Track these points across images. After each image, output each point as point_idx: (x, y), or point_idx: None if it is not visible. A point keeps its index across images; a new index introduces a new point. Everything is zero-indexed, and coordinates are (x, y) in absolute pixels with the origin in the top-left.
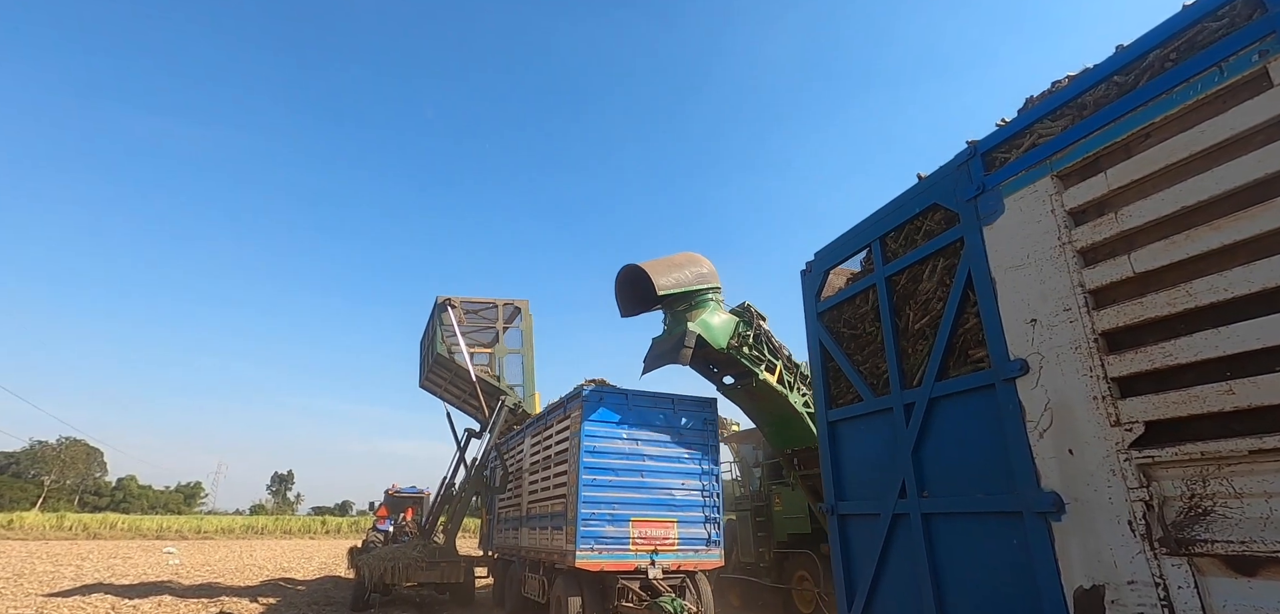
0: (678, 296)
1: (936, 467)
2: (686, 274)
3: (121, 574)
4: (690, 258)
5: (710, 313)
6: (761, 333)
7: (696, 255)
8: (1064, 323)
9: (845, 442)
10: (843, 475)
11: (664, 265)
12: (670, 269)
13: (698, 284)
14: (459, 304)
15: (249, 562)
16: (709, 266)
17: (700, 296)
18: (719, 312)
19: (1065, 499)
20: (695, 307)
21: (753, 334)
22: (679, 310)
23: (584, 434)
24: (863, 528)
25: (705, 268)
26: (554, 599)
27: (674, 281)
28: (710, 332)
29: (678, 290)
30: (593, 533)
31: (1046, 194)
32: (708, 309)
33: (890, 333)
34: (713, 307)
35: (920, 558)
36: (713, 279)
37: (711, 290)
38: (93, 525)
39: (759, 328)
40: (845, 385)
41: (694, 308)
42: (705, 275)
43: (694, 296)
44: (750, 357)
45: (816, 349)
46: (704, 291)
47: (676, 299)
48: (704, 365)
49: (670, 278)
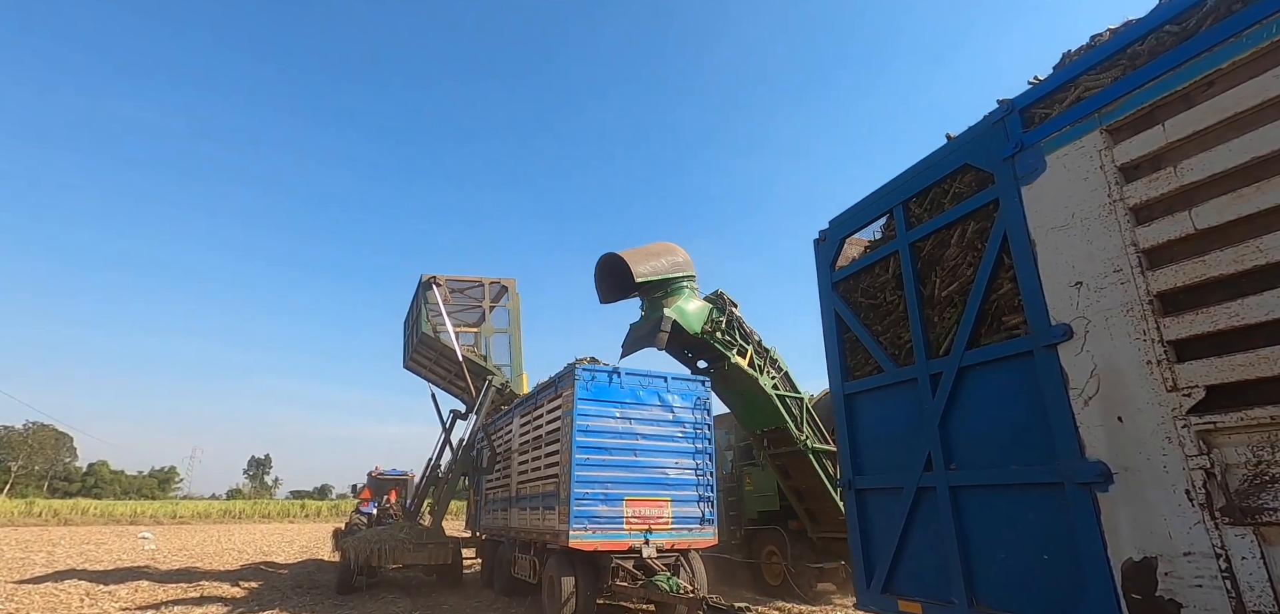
0: (654, 284)
1: (966, 438)
2: (662, 263)
3: (95, 560)
4: (666, 247)
5: (685, 300)
6: (733, 319)
7: (672, 245)
8: (1114, 284)
9: (863, 415)
10: (860, 449)
11: (641, 254)
12: (647, 258)
13: (673, 272)
14: (444, 282)
15: (228, 546)
16: (684, 256)
17: (675, 284)
18: (693, 299)
19: (1114, 469)
20: (671, 294)
21: (725, 320)
22: (655, 297)
23: (577, 412)
24: (883, 502)
25: (680, 257)
26: (546, 579)
27: (650, 269)
28: (685, 317)
29: (654, 278)
30: (586, 512)
31: (1094, 150)
32: (683, 296)
33: (914, 301)
34: (687, 294)
35: (948, 532)
36: (688, 268)
37: (686, 278)
38: (63, 511)
39: (731, 314)
40: (863, 357)
41: (670, 295)
42: (680, 264)
43: (670, 284)
44: (722, 341)
45: (832, 320)
46: (679, 279)
47: (653, 286)
48: (679, 350)
49: (647, 266)
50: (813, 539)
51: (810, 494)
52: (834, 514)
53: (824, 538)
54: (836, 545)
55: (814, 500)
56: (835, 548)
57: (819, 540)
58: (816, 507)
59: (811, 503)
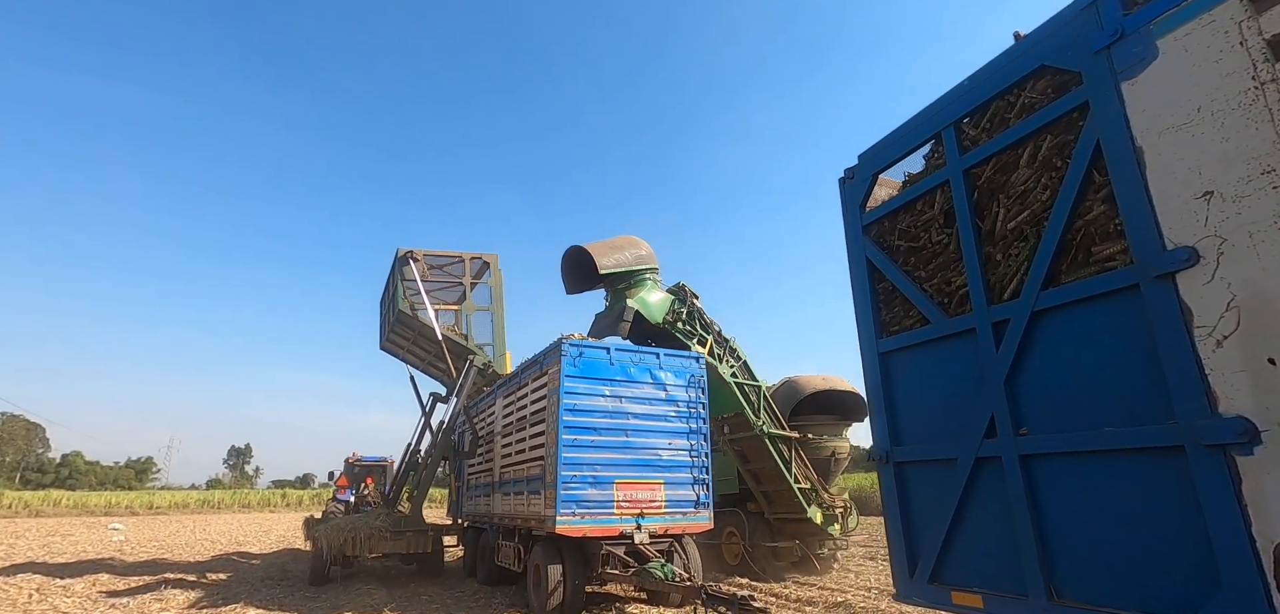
0: (619, 276)
1: (1041, 397)
2: (626, 255)
3: (57, 552)
4: (630, 241)
5: (647, 291)
6: (694, 309)
7: (636, 238)
8: (1261, 191)
9: (902, 376)
10: (899, 415)
11: (606, 247)
12: (611, 250)
13: (636, 265)
14: (422, 258)
15: (202, 537)
16: (647, 249)
17: (639, 276)
18: (656, 290)
19: (1260, 426)
20: (634, 285)
21: (686, 310)
22: (619, 288)
23: (563, 391)
24: (929, 476)
25: (644, 250)
26: (532, 567)
27: (614, 262)
28: (647, 308)
29: (618, 270)
30: (574, 496)
31: (1230, 22)
32: (645, 287)
33: (971, 238)
34: (650, 285)
35: (1018, 510)
36: (651, 261)
37: (649, 271)
38: (35, 503)
39: (692, 305)
40: (902, 308)
41: (633, 286)
42: (644, 257)
43: (633, 276)
44: (684, 331)
45: (862, 269)
46: (642, 272)
47: (617, 278)
48: (641, 339)
49: (611, 259)
50: (769, 520)
51: (767, 477)
52: (789, 497)
53: (779, 519)
54: (791, 525)
55: (770, 483)
56: (790, 528)
57: (775, 521)
58: (773, 489)
59: (768, 485)
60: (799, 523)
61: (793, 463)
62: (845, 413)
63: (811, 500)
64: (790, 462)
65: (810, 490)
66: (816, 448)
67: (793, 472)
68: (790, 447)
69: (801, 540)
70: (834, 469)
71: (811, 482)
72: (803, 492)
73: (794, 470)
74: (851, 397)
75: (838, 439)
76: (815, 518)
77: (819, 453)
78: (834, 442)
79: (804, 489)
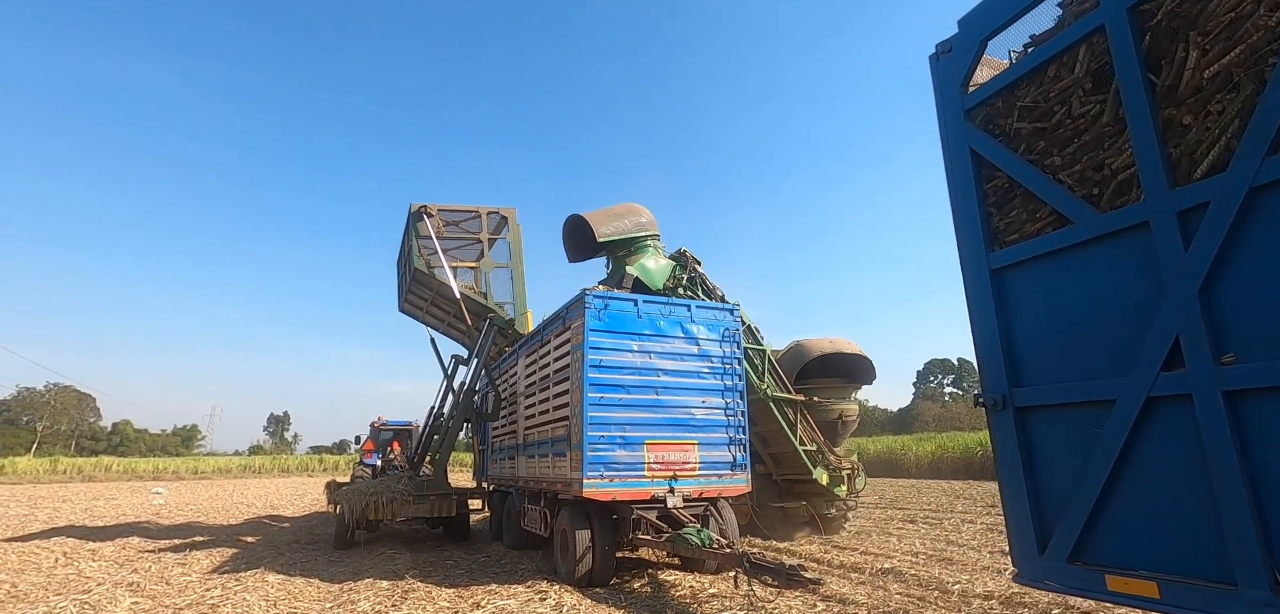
0: (619, 243)
1: (1257, 310)
2: (626, 223)
3: (99, 516)
4: (630, 208)
5: (649, 258)
6: (696, 276)
7: (636, 206)
8: None
9: (1025, 297)
10: (1020, 349)
11: (605, 216)
12: (611, 219)
13: (637, 232)
14: (437, 212)
15: (239, 501)
16: (648, 216)
17: (639, 243)
18: (658, 257)
19: None
20: (635, 252)
21: (687, 276)
22: (620, 256)
23: (588, 346)
24: (1068, 425)
25: (644, 217)
26: (559, 532)
27: (613, 230)
28: (647, 275)
29: (617, 237)
30: (601, 458)
31: None
32: (646, 254)
33: (1144, 97)
34: (651, 252)
35: (1221, 467)
36: (652, 228)
37: (650, 238)
38: (88, 469)
39: (694, 271)
40: (1026, 208)
41: (634, 253)
42: (644, 224)
43: (634, 243)
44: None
45: (966, 164)
46: (643, 239)
47: (618, 245)
48: None
49: (610, 227)
50: (778, 481)
51: (773, 439)
52: (795, 459)
53: (786, 479)
54: (799, 487)
55: (776, 444)
56: (797, 489)
57: (783, 482)
58: (779, 450)
59: (775, 447)
60: (806, 484)
61: (798, 425)
62: (852, 376)
63: (818, 462)
64: (796, 424)
65: (816, 452)
66: (824, 410)
67: (798, 434)
68: (795, 409)
69: (808, 501)
70: (841, 431)
71: (818, 443)
72: (808, 454)
73: (799, 433)
74: (859, 360)
75: (845, 401)
76: (821, 479)
77: (826, 415)
78: (841, 404)
79: (810, 451)
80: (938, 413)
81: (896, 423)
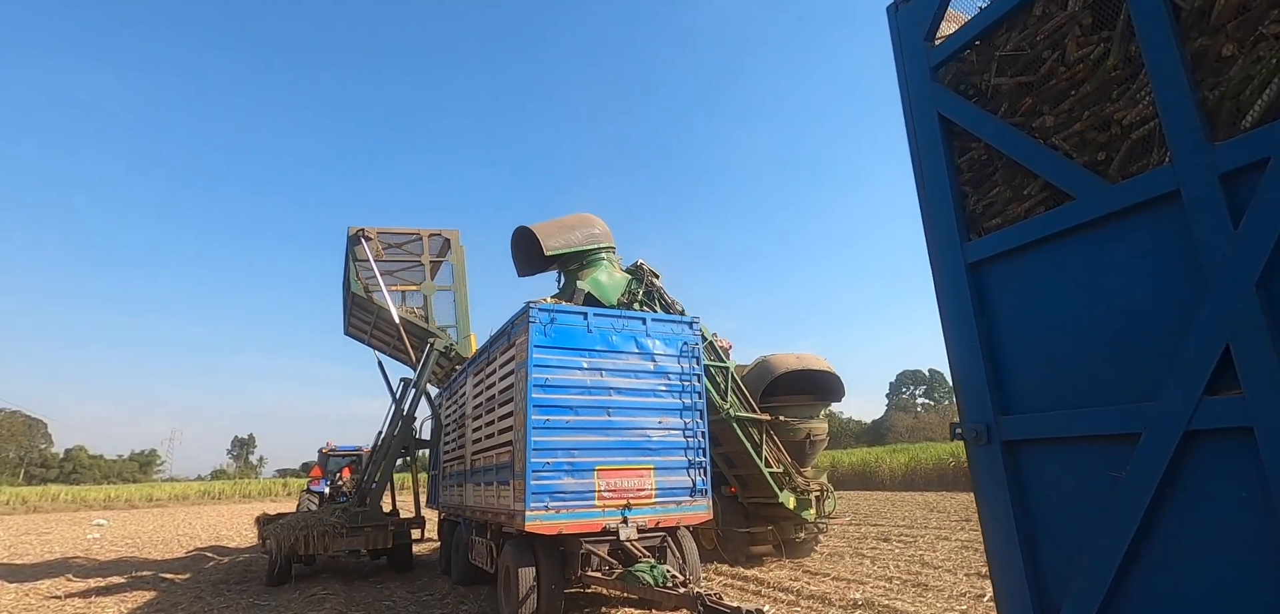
0: (571, 255)
1: None
2: (577, 235)
3: (21, 553)
4: (582, 219)
5: (602, 271)
6: (653, 289)
7: (590, 217)
8: None
9: (1011, 297)
10: (1006, 364)
11: (554, 227)
12: (560, 231)
13: (589, 244)
14: (376, 236)
15: (185, 531)
16: (602, 227)
17: (592, 256)
18: (612, 270)
19: None
20: (588, 265)
21: (644, 290)
22: (572, 269)
23: (532, 364)
24: (1075, 465)
25: (598, 228)
26: (502, 569)
27: (562, 242)
28: (600, 289)
29: (567, 250)
30: (546, 487)
31: None
32: (600, 268)
33: (1166, 24)
34: (605, 265)
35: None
36: (606, 239)
37: (605, 250)
38: (32, 499)
39: (650, 284)
40: (1007, 186)
41: (586, 267)
42: (597, 236)
43: (586, 256)
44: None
45: (933, 131)
46: (596, 252)
47: (569, 258)
48: None
49: (559, 240)
50: (744, 504)
51: (739, 460)
52: (760, 481)
53: (754, 503)
54: (766, 510)
55: (742, 466)
56: (765, 512)
57: (749, 505)
58: (745, 472)
59: (740, 469)
60: (773, 507)
61: (763, 447)
62: (821, 393)
63: (784, 484)
64: (761, 445)
65: (783, 474)
66: (791, 430)
67: (763, 455)
68: (760, 430)
69: (776, 525)
70: (810, 451)
71: (784, 465)
72: (774, 476)
73: (764, 454)
74: (827, 376)
75: (814, 420)
76: (788, 502)
77: (794, 435)
78: (809, 423)
79: (776, 473)
80: (910, 424)
81: (870, 434)
